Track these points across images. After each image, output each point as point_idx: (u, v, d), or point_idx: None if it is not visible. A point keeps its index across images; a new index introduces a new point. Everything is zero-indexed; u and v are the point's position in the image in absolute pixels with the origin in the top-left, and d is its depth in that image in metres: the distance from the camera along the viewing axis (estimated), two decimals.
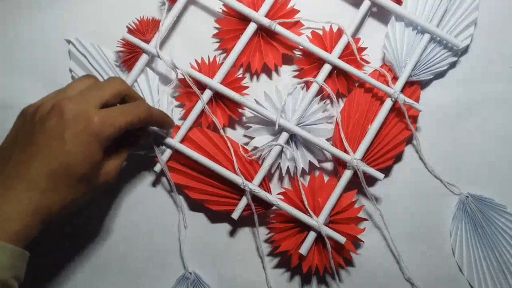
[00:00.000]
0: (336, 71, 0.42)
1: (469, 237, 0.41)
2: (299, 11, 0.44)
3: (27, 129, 0.34)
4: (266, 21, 0.42)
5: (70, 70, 0.44)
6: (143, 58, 0.43)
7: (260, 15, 0.42)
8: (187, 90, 0.43)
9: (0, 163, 0.34)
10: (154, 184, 0.43)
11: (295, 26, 0.44)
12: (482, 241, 0.41)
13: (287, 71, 0.44)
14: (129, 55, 0.43)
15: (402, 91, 0.42)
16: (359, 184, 0.40)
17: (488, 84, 0.44)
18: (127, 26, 0.43)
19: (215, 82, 0.42)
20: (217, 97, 0.42)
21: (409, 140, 0.43)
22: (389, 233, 0.41)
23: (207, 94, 0.42)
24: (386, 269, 0.42)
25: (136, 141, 0.39)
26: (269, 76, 0.45)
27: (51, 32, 0.45)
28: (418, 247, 0.42)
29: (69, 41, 0.44)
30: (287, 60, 0.44)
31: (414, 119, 0.42)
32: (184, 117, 0.43)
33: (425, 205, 0.42)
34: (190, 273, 0.41)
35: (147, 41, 0.43)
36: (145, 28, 0.43)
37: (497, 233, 0.41)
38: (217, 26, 0.44)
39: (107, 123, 0.34)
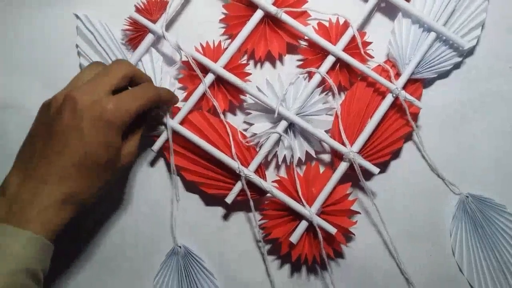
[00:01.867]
0: (340, 64, 0.42)
1: (469, 237, 0.41)
2: (307, 1, 0.44)
3: (45, 122, 0.35)
4: (272, 9, 0.42)
5: (77, 46, 0.44)
6: (149, 37, 0.43)
7: (267, 3, 0.42)
8: (190, 73, 0.43)
9: (27, 156, 0.35)
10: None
11: (302, 16, 0.44)
12: (482, 241, 0.41)
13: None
14: (135, 34, 0.43)
15: (404, 87, 0.42)
16: (355, 178, 0.41)
17: (491, 86, 0.44)
18: (135, 5, 0.43)
19: (218, 66, 0.42)
20: (219, 82, 0.43)
21: (407, 138, 0.43)
22: (387, 231, 0.41)
23: (210, 78, 0.42)
24: (382, 267, 0.42)
25: (146, 120, 0.39)
26: (273, 64, 0.45)
27: (51, 32, 0.45)
28: (418, 247, 0.42)
29: (77, 16, 0.45)
30: (292, 49, 0.44)
31: (415, 116, 0.42)
32: (185, 100, 0.43)
33: (425, 204, 0.42)
34: (180, 247, 0.42)
35: (154, 21, 0.43)
36: (153, 8, 0.43)
37: (497, 233, 0.41)
38: (225, 11, 0.44)
39: (122, 109, 0.34)
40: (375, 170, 0.40)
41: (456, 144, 0.43)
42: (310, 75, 0.43)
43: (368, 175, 0.41)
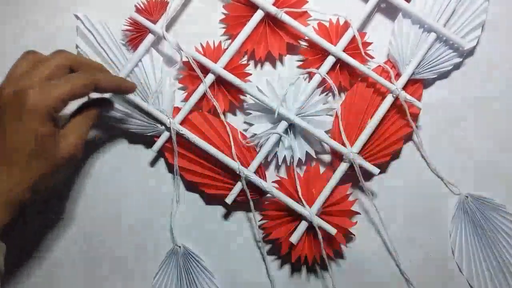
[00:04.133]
0: (340, 64, 0.42)
1: (469, 237, 0.41)
2: (307, 1, 0.44)
3: None
4: (273, 9, 0.42)
5: (77, 46, 0.44)
6: (149, 38, 0.43)
7: (267, 3, 0.42)
8: (190, 73, 0.43)
9: None
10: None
11: (302, 16, 0.44)
12: (481, 241, 0.41)
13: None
14: (135, 35, 0.43)
15: (404, 88, 0.42)
16: (355, 178, 0.41)
17: (491, 86, 0.44)
18: (135, 5, 0.43)
19: (218, 67, 0.42)
20: (220, 82, 0.43)
21: (407, 138, 0.43)
22: (386, 231, 0.41)
23: (210, 78, 0.42)
24: (382, 266, 0.42)
25: (98, 111, 0.38)
26: (273, 64, 0.45)
27: (50, 30, 0.45)
28: (417, 247, 0.42)
29: (77, 17, 0.45)
30: (292, 49, 0.44)
31: (415, 117, 0.42)
32: (185, 100, 0.43)
33: (424, 204, 0.42)
34: (179, 247, 0.42)
35: (154, 22, 0.43)
36: (153, 8, 0.43)
37: (496, 233, 0.41)
38: (225, 11, 0.44)
39: (46, 95, 0.33)
40: (375, 170, 0.40)
41: (456, 144, 0.43)
42: (310, 75, 0.43)
43: (368, 175, 0.41)
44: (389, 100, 0.41)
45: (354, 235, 0.41)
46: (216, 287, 0.41)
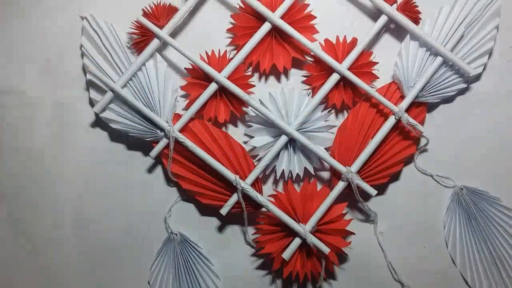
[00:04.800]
0: (344, 82, 0.42)
1: (463, 229, 0.41)
2: (316, 17, 0.44)
3: None
4: (280, 22, 0.42)
5: (81, 46, 0.44)
6: (154, 43, 0.43)
7: (275, 16, 0.42)
8: (193, 81, 0.43)
9: None
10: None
11: (310, 31, 0.44)
12: (475, 233, 0.41)
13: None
14: (141, 38, 0.43)
15: (407, 110, 0.42)
16: (352, 198, 0.40)
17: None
18: (142, 9, 0.43)
19: (222, 76, 0.42)
20: (222, 92, 0.42)
21: (407, 161, 0.43)
22: (376, 224, 0.42)
23: (213, 87, 0.42)
24: (375, 260, 0.42)
25: None
26: (277, 78, 0.44)
27: (51, 19, 0.45)
28: (411, 238, 0.42)
29: (83, 17, 0.44)
30: (297, 64, 0.44)
31: (416, 140, 0.42)
32: (187, 107, 0.43)
33: (419, 196, 0.42)
34: (176, 234, 0.42)
35: (161, 27, 0.43)
36: (161, 13, 0.43)
37: (490, 225, 0.41)
38: (232, 21, 0.44)
39: None
40: (373, 192, 0.40)
41: (452, 137, 0.43)
42: (314, 91, 0.43)
43: (365, 196, 0.41)
44: (391, 121, 0.41)
45: (347, 255, 0.41)
46: (214, 274, 0.41)
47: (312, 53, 0.43)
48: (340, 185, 0.40)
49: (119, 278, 0.42)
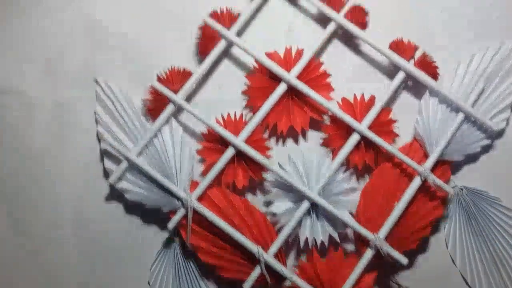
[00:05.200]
0: (365, 142, 0.41)
1: (463, 229, 0.41)
2: (331, 75, 0.43)
3: None
4: (296, 83, 0.41)
5: (95, 113, 0.43)
6: (169, 108, 0.42)
7: (291, 76, 0.42)
8: (209, 145, 0.42)
9: None
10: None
11: (326, 90, 0.43)
12: (475, 233, 0.41)
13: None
14: (155, 104, 0.42)
15: (432, 170, 0.40)
16: (381, 266, 0.38)
17: None
18: (157, 75, 0.43)
19: (240, 141, 0.41)
20: (240, 156, 0.41)
21: (435, 224, 0.41)
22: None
23: (230, 152, 0.41)
24: None
25: None
26: (295, 139, 0.43)
27: (51, 19, 0.45)
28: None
29: (97, 82, 0.44)
30: (315, 124, 0.43)
31: (443, 200, 0.40)
32: (203, 174, 0.42)
33: None
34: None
35: (175, 91, 0.42)
36: (175, 78, 0.42)
37: (490, 225, 0.41)
38: (248, 82, 0.43)
39: None
40: (404, 260, 0.38)
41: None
42: (334, 152, 0.42)
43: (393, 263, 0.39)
44: (417, 182, 0.40)
45: None
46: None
47: (330, 113, 0.42)
48: (369, 254, 0.38)
49: (119, 278, 0.41)
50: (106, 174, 0.42)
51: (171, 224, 0.40)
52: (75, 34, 0.45)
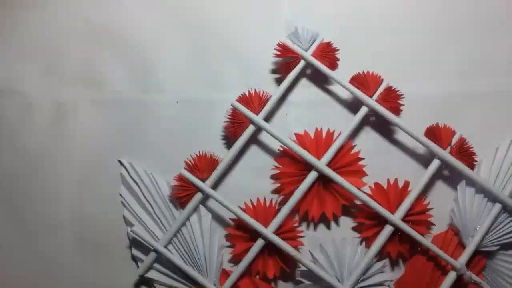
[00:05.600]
0: (399, 231, 0.40)
1: None
2: (363, 158, 0.42)
3: None
4: (328, 171, 0.40)
5: (121, 196, 0.42)
6: (197, 196, 0.41)
7: (322, 164, 0.40)
8: (238, 233, 0.41)
9: None
10: None
11: (358, 175, 0.42)
12: None
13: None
14: (183, 193, 0.41)
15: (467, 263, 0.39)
16: None
17: None
18: (185, 162, 0.41)
19: (270, 232, 0.40)
20: (271, 246, 0.40)
21: None
22: None
23: (260, 243, 0.40)
24: None
25: None
26: (327, 224, 0.42)
27: (51, 19, 0.45)
28: None
29: (121, 163, 0.43)
30: (347, 210, 0.42)
31: None
32: (232, 260, 0.41)
33: None
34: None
35: (204, 179, 0.41)
36: (203, 165, 0.41)
37: None
38: (277, 165, 0.42)
39: None
40: None
41: None
42: (367, 242, 0.41)
43: None
44: (452, 277, 0.39)
45: None
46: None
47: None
48: None
49: (119, 278, 0.42)
50: (134, 258, 0.42)
51: None
52: (75, 34, 0.45)
